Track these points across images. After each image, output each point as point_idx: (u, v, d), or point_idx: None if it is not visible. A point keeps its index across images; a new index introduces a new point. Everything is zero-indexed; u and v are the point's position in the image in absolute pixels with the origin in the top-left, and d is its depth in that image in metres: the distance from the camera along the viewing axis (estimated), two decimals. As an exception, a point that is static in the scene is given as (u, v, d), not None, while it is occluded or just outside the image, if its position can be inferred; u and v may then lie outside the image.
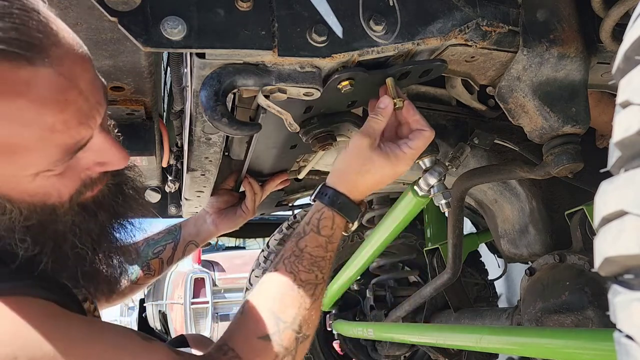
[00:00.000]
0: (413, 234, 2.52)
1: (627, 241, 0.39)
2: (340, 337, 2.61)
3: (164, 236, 1.43)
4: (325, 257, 0.88)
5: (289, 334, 0.79)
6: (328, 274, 0.89)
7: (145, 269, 1.38)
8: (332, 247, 0.90)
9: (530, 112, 1.00)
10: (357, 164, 0.92)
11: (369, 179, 0.92)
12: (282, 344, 0.78)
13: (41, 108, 0.61)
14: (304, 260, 0.86)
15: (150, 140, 1.44)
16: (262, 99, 0.88)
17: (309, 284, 0.85)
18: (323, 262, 0.88)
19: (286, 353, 0.78)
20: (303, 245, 0.88)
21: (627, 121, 0.42)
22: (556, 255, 1.45)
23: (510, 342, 1.30)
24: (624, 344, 0.39)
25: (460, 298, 2.00)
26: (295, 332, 0.80)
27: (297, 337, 0.80)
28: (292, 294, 0.83)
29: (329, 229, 0.90)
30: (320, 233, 0.90)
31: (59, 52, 0.62)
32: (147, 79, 1.21)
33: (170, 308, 6.17)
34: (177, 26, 0.74)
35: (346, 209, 0.92)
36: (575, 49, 0.95)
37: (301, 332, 0.81)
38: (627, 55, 0.45)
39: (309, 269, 0.86)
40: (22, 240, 0.69)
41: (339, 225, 0.92)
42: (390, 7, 0.87)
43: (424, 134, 0.91)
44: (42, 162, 0.65)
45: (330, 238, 0.90)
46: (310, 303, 0.84)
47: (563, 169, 1.03)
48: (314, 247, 0.88)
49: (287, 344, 0.79)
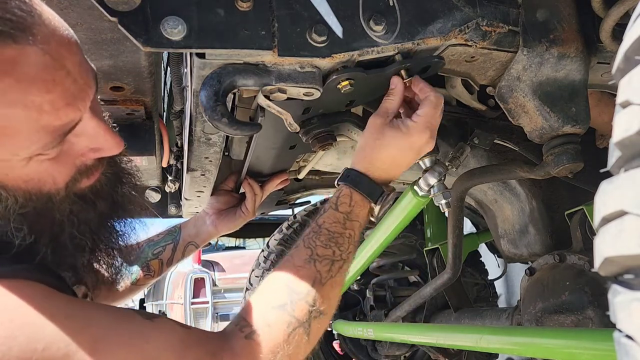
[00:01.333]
0: (413, 234, 2.52)
1: (627, 241, 0.39)
2: (340, 337, 2.61)
3: (163, 237, 1.43)
4: (343, 234, 0.87)
5: (301, 306, 0.78)
6: (349, 253, 0.87)
7: (145, 269, 1.38)
8: (351, 225, 0.89)
9: (530, 112, 1.00)
10: (372, 140, 0.93)
11: (385, 153, 0.92)
12: (294, 314, 0.77)
13: (28, 87, 0.60)
14: (321, 236, 0.86)
15: (150, 140, 1.44)
16: (262, 99, 0.88)
17: (325, 259, 0.84)
18: (341, 239, 0.87)
19: (298, 324, 0.77)
20: (321, 222, 0.88)
21: (627, 121, 0.42)
22: (556, 255, 1.45)
23: (510, 342, 1.30)
24: (624, 344, 0.39)
25: (460, 298, 2.00)
26: (308, 304, 0.79)
27: (311, 310, 0.79)
28: (307, 267, 0.82)
29: (347, 205, 0.90)
30: (338, 209, 0.89)
31: (44, 32, 0.62)
32: (147, 79, 1.21)
33: (170, 308, 6.18)
34: (177, 26, 0.74)
35: (364, 186, 0.92)
36: (575, 49, 0.95)
37: (315, 305, 0.79)
38: (627, 55, 0.45)
39: (325, 244, 0.85)
40: (19, 229, 0.69)
41: (357, 202, 0.91)
42: (390, 7, 0.87)
43: (429, 99, 0.92)
44: (32, 144, 0.64)
45: (349, 215, 0.89)
46: (326, 278, 0.82)
47: (563, 169, 1.03)
48: (331, 223, 0.88)
49: (299, 315, 0.78)
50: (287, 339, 0.75)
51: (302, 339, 0.77)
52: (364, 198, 0.92)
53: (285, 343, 0.75)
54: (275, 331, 0.76)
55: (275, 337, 0.75)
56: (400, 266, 2.55)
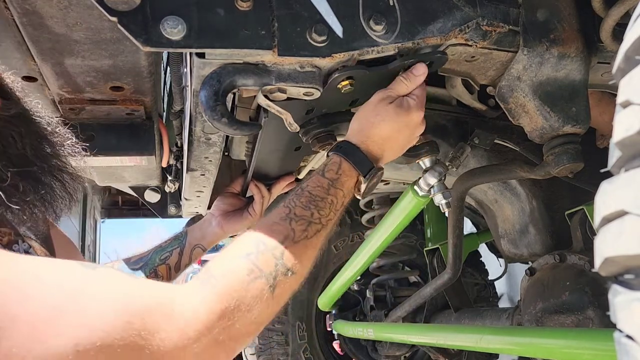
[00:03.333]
0: (413, 234, 2.52)
1: (627, 241, 0.39)
2: (340, 337, 2.61)
3: (170, 242, 1.43)
4: (325, 199, 0.86)
5: (267, 257, 0.75)
6: (328, 220, 0.85)
7: (153, 275, 1.37)
8: (334, 191, 0.87)
9: (531, 112, 1.00)
10: (372, 115, 0.93)
11: (382, 128, 0.92)
12: (258, 263, 0.74)
13: None
14: (302, 198, 0.85)
15: (150, 140, 1.44)
16: (262, 99, 0.88)
17: (302, 219, 0.82)
18: (322, 203, 0.85)
19: (260, 274, 0.73)
20: (305, 185, 0.87)
21: (627, 121, 0.42)
22: (556, 255, 1.45)
23: (510, 342, 1.30)
24: (624, 344, 0.39)
25: (460, 298, 2.00)
26: (275, 257, 0.76)
27: (277, 263, 0.75)
28: (281, 224, 0.80)
29: (333, 172, 0.89)
30: (324, 175, 0.89)
31: None
32: (147, 79, 1.21)
33: (171, 308, 6.16)
34: (176, 26, 0.74)
35: (354, 157, 0.91)
36: (575, 49, 0.95)
37: (282, 260, 0.76)
38: (628, 55, 0.45)
39: (305, 206, 0.83)
40: None
41: (345, 171, 0.90)
42: (390, 6, 0.87)
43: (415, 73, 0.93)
44: None
45: (334, 182, 0.88)
46: (300, 238, 0.80)
47: (563, 169, 1.03)
48: (314, 186, 0.87)
49: (262, 265, 0.74)
50: (246, 287, 0.71)
51: (263, 291, 0.72)
52: (352, 168, 0.90)
53: (243, 290, 0.71)
54: (233, 276, 0.72)
55: (233, 283, 0.71)
56: (400, 266, 2.55)
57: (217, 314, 0.66)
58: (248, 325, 0.70)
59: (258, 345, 2.59)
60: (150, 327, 0.61)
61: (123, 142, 1.40)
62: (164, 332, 0.62)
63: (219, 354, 0.67)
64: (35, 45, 1.02)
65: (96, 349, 0.57)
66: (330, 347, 2.75)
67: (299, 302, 2.59)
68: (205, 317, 0.65)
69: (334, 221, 0.87)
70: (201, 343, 0.64)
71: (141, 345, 0.60)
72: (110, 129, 1.39)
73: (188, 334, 0.63)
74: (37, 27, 0.96)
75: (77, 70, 1.13)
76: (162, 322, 0.62)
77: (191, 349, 0.63)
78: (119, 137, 1.40)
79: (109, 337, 0.58)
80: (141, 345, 0.60)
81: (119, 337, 0.59)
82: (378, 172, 0.92)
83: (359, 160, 0.91)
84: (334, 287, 2.12)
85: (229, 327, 0.67)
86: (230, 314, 0.68)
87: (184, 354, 0.63)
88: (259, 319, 0.71)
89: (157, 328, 0.61)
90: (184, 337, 0.63)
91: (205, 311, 0.66)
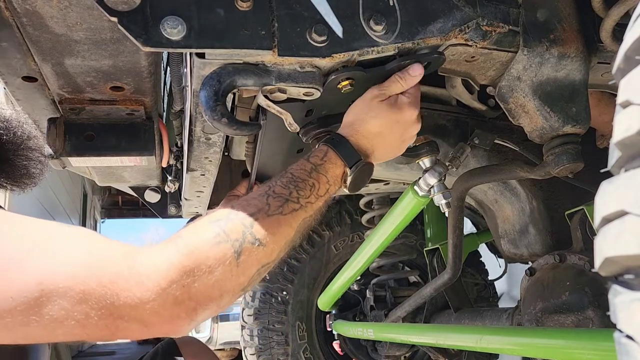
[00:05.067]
0: (413, 234, 2.52)
1: (627, 241, 0.39)
2: (340, 338, 2.61)
3: None
4: (306, 181, 0.85)
5: (236, 224, 0.75)
6: (308, 202, 0.84)
7: None
8: (317, 175, 0.87)
9: (531, 112, 1.00)
10: (364, 112, 0.93)
11: (374, 124, 0.93)
12: (225, 228, 0.74)
13: None
14: (284, 178, 0.85)
15: (150, 140, 1.43)
16: (262, 99, 0.88)
17: (279, 197, 0.81)
18: (302, 184, 0.85)
19: (226, 239, 0.73)
20: (289, 169, 0.87)
21: (627, 121, 0.42)
22: (556, 256, 1.45)
23: (510, 342, 1.30)
24: (625, 344, 0.39)
25: (460, 298, 2.00)
26: (244, 225, 0.75)
27: (245, 231, 0.75)
28: (258, 199, 0.81)
29: (318, 158, 0.89)
30: (308, 160, 0.89)
31: None
32: (147, 79, 1.21)
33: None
34: (176, 26, 0.74)
35: (341, 147, 0.91)
36: (575, 49, 0.95)
37: (252, 229, 0.75)
38: (628, 55, 0.45)
39: (285, 185, 0.83)
40: None
41: (330, 159, 0.90)
42: (390, 6, 0.87)
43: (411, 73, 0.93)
44: None
45: (317, 167, 0.88)
46: (274, 212, 0.79)
47: (563, 169, 1.03)
48: (297, 169, 0.87)
49: (229, 231, 0.74)
50: (208, 248, 0.71)
51: (227, 255, 0.72)
52: (337, 157, 0.90)
53: (206, 250, 0.71)
54: (197, 237, 0.72)
55: (195, 242, 0.71)
56: (400, 266, 2.55)
57: (177, 269, 0.68)
58: (209, 287, 0.71)
59: (258, 345, 2.59)
60: (113, 278, 0.65)
61: (123, 142, 1.40)
62: (124, 282, 0.66)
63: (179, 313, 0.69)
64: (36, 45, 1.02)
65: (59, 290, 0.62)
66: (330, 347, 2.75)
67: (299, 302, 2.59)
68: (164, 272, 0.68)
69: (316, 206, 0.86)
70: (160, 298, 0.67)
71: (102, 293, 0.64)
72: (110, 129, 1.39)
73: (147, 285, 0.66)
74: (37, 27, 0.96)
75: (77, 71, 1.13)
76: (124, 273, 0.66)
77: (150, 303, 0.66)
78: (119, 137, 1.40)
79: (72, 280, 0.63)
80: (101, 293, 0.64)
81: (81, 282, 0.64)
82: (365, 165, 0.92)
83: (346, 151, 0.91)
84: (334, 287, 2.12)
85: (188, 284, 0.69)
86: (190, 272, 0.69)
87: (142, 305, 0.66)
88: (221, 284, 0.72)
89: (118, 278, 0.66)
90: (142, 288, 0.66)
91: (165, 266, 0.68)
